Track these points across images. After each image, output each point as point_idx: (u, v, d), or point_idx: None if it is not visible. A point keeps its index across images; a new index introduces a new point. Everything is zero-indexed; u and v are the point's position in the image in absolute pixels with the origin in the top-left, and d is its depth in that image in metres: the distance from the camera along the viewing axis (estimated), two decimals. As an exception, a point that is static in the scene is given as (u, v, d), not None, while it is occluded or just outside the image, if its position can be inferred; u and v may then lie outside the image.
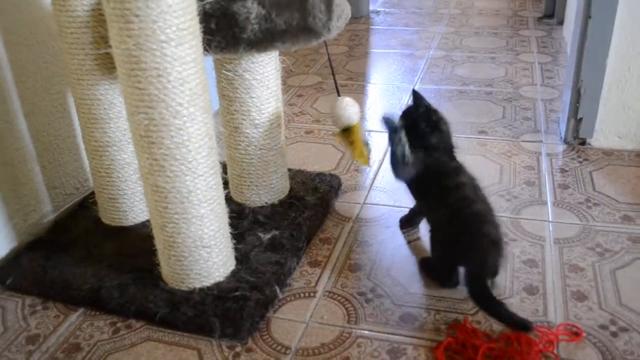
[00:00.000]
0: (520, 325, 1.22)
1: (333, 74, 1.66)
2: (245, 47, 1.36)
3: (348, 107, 1.52)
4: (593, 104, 1.94)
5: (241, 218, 1.59)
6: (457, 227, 1.33)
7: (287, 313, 1.36)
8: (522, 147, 2.03)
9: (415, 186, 1.46)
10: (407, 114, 1.47)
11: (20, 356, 1.27)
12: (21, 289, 1.45)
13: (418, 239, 1.59)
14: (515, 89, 2.53)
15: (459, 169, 1.42)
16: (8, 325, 1.35)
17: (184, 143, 1.19)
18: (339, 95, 1.54)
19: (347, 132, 1.54)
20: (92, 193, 1.67)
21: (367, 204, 1.76)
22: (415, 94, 1.48)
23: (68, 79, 1.48)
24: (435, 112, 1.44)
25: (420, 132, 1.42)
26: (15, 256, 1.53)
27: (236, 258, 1.44)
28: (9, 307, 1.41)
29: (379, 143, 2.12)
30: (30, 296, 1.43)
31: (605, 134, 1.99)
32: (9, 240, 1.55)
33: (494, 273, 1.35)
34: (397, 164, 1.41)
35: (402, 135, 1.39)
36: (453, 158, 1.45)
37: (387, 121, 1.40)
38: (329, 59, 1.68)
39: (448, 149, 1.45)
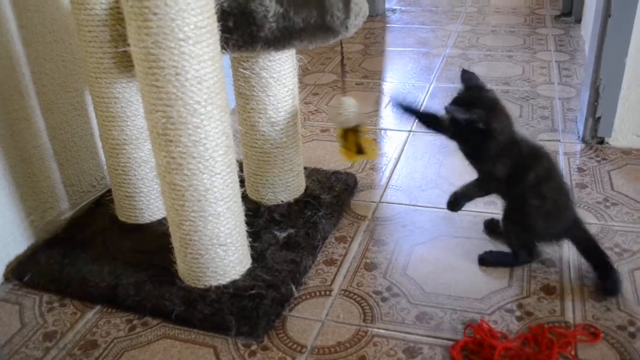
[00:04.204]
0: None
1: (342, 71, 1.66)
2: (263, 46, 1.36)
3: (343, 109, 1.52)
4: (612, 103, 1.92)
5: (257, 216, 1.59)
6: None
7: (303, 311, 1.35)
8: (540, 146, 2.01)
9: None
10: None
11: (38, 352, 1.27)
12: (38, 285, 1.46)
13: (435, 238, 1.58)
14: (533, 87, 2.51)
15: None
16: (26, 322, 1.36)
17: (201, 141, 1.19)
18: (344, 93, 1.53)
19: (347, 132, 1.55)
20: (109, 191, 1.68)
21: (383, 202, 1.76)
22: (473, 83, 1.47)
23: (86, 77, 1.49)
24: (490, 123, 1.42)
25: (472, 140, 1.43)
26: (32, 253, 1.54)
27: (252, 256, 1.44)
28: (27, 304, 1.41)
29: (393, 140, 2.11)
30: (48, 293, 1.44)
31: (624, 132, 1.97)
32: (26, 237, 1.56)
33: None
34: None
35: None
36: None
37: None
38: (342, 56, 1.67)
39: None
